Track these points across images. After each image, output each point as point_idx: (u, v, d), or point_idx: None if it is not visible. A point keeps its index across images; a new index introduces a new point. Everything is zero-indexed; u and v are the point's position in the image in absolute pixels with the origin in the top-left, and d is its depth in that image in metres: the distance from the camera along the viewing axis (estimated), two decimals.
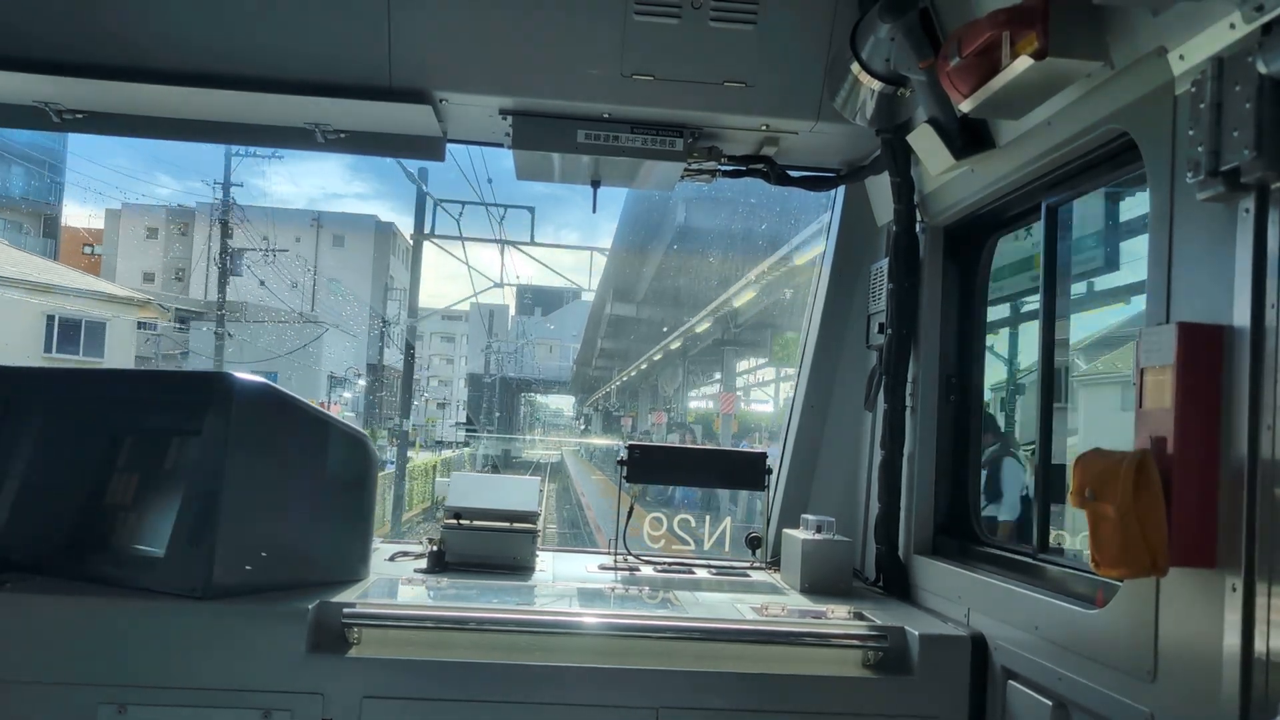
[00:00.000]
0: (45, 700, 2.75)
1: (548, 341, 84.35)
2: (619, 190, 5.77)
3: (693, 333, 30.33)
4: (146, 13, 3.37)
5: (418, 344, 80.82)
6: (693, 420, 35.89)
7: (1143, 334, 2.15)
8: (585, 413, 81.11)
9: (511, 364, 72.01)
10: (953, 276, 3.63)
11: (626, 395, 58.11)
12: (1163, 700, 2.12)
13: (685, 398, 40.66)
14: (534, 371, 79.16)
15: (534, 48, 3.46)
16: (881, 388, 3.72)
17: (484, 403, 67.42)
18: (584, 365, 64.88)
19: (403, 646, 2.89)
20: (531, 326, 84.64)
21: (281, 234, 50.38)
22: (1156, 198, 2.21)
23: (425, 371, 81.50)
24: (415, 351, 32.24)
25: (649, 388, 49.22)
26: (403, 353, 32.02)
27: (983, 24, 2.47)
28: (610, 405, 63.89)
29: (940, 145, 3.09)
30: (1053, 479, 3.02)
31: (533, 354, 79.10)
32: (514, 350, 73.23)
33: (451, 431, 68.81)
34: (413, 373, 32.89)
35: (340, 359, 52.97)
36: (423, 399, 75.39)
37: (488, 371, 67.59)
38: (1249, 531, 1.90)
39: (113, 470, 3.29)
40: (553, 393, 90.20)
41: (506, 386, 70.48)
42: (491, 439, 57.66)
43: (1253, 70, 1.84)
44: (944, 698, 2.94)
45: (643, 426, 47.51)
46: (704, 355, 33.27)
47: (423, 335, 79.44)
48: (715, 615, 3.19)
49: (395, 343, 52.35)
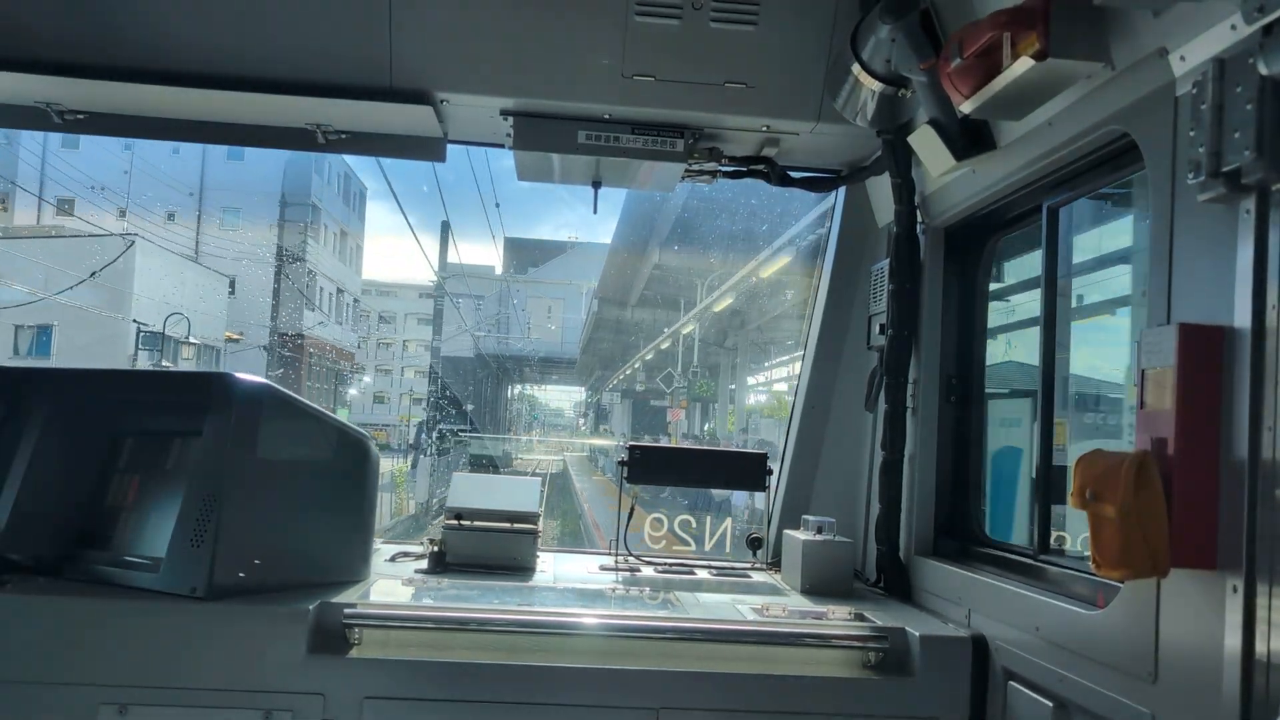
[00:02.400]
0: (46, 701, 2.75)
1: (545, 300, 60.60)
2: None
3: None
4: (148, 14, 3.37)
5: (381, 326, 62.40)
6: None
7: (1143, 335, 2.15)
8: (595, 403, 62.14)
9: (500, 332, 52.54)
10: (953, 277, 3.63)
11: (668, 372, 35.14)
12: (1163, 701, 2.12)
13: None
14: (527, 347, 55.90)
15: (535, 48, 3.46)
16: (882, 388, 3.72)
17: (448, 393, 44.41)
18: (600, 336, 44.83)
19: (404, 647, 2.89)
20: (524, 294, 58.19)
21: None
22: (1157, 199, 2.21)
23: (398, 361, 67.05)
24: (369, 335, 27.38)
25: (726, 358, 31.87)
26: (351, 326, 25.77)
27: (984, 25, 2.47)
28: (644, 387, 42.73)
29: (941, 146, 3.08)
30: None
31: (524, 321, 55.94)
32: (497, 314, 52.71)
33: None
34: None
35: (192, 306, 34.47)
36: (399, 396, 63.52)
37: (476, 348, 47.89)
38: (1250, 532, 1.90)
39: (113, 471, 3.30)
40: (552, 379, 69.00)
41: (486, 368, 51.25)
42: (462, 442, 37.69)
43: (1254, 71, 1.84)
44: (945, 699, 2.93)
45: (722, 426, 31.73)
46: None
47: (394, 317, 67.95)
48: (716, 616, 3.19)
49: (333, 312, 41.98)
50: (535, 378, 67.31)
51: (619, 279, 36.37)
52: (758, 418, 29.54)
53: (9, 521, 3.16)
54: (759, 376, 31.79)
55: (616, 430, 50.15)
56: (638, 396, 45.73)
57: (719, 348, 32.70)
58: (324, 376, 47.41)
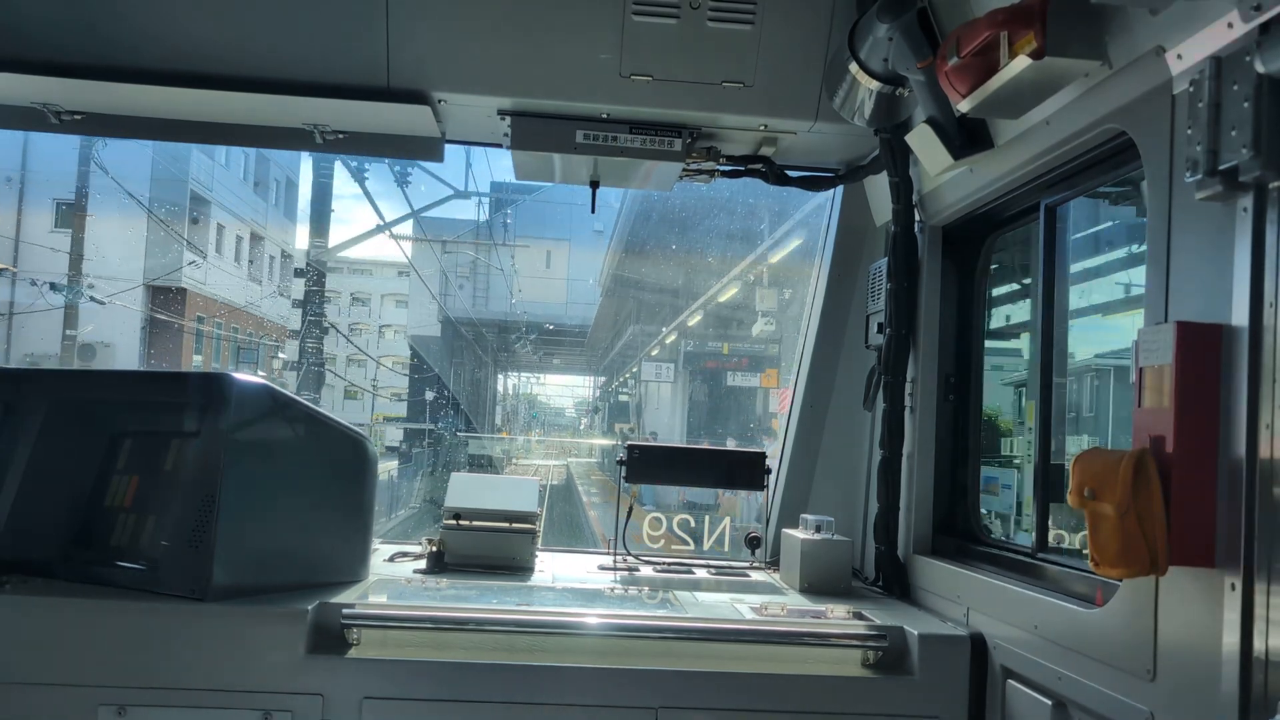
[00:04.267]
0: (45, 701, 2.75)
1: (544, 246, 38.92)
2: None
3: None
4: (146, 14, 3.37)
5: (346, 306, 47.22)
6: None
7: (1141, 333, 2.15)
8: (611, 392, 45.07)
9: (478, 289, 37.48)
10: (951, 276, 3.63)
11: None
12: (1162, 699, 2.12)
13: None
14: (515, 310, 38.55)
15: (532, 48, 3.46)
16: (880, 387, 3.72)
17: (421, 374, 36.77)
18: (631, 273, 30.84)
19: (402, 647, 2.89)
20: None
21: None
22: (1155, 197, 2.21)
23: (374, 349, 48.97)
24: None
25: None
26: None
27: (981, 24, 2.47)
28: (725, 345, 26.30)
29: (939, 145, 3.08)
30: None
31: (510, 277, 37.62)
32: (473, 263, 36.98)
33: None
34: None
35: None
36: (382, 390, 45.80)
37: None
38: (1248, 530, 1.90)
39: (112, 471, 3.29)
40: (554, 365, 52.86)
41: (460, 339, 37.56)
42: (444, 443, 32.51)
43: (1251, 69, 1.84)
44: (943, 697, 2.94)
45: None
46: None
47: (370, 298, 54.88)
48: (714, 615, 3.19)
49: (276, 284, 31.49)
50: (532, 362, 50.53)
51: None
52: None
53: (7, 522, 3.16)
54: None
55: (654, 424, 32.07)
56: (708, 364, 26.87)
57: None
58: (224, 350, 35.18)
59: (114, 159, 25.58)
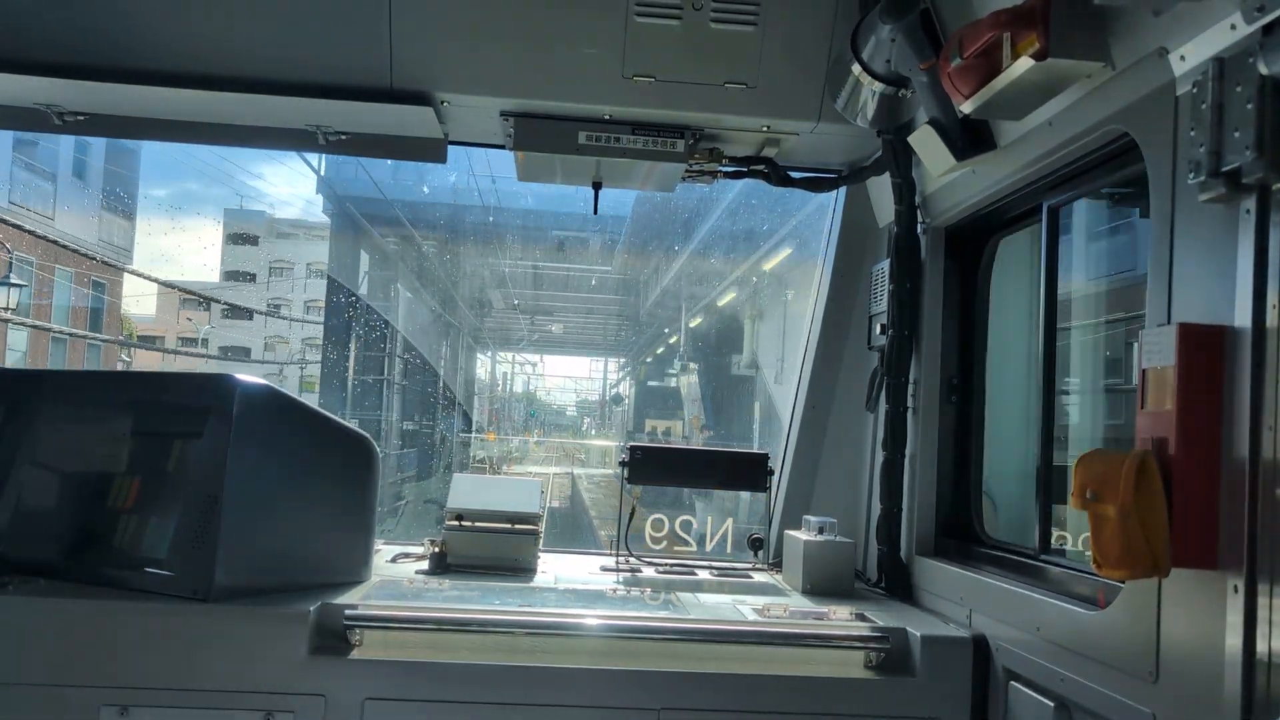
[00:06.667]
0: (48, 702, 2.75)
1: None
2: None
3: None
4: (150, 16, 3.37)
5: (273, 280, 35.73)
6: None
7: (1144, 335, 2.15)
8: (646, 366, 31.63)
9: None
10: (954, 277, 3.63)
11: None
12: (1165, 701, 2.12)
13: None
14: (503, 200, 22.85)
15: (535, 49, 3.46)
16: (883, 389, 3.72)
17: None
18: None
19: (405, 648, 2.90)
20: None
21: None
22: (1157, 199, 2.20)
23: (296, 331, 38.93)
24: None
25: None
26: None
27: (983, 25, 2.47)
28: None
29: (941, 146, 3.08)
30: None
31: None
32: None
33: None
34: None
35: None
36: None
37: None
38: (1250, 532, 1.90)
39: (115, 472, 3.29)
40: (553, 344, 33.88)
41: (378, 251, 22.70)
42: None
43: (1254, 71, 1.84)
44: (946, 699, 2.93)
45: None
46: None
47: (291, 268, 42.22)
48: (717, 616, 3.19)
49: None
50: (522, 330, 30.77)
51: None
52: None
53: (10, 523, 3.17)
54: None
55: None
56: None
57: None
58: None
59: None
